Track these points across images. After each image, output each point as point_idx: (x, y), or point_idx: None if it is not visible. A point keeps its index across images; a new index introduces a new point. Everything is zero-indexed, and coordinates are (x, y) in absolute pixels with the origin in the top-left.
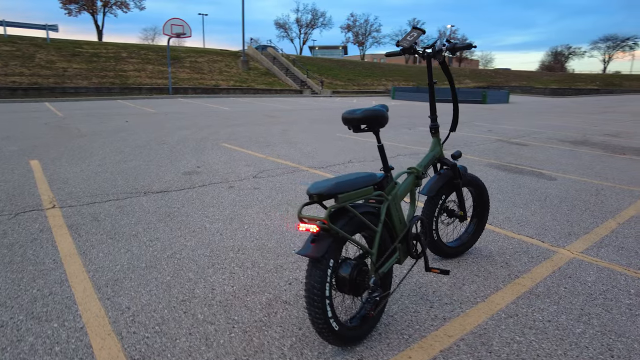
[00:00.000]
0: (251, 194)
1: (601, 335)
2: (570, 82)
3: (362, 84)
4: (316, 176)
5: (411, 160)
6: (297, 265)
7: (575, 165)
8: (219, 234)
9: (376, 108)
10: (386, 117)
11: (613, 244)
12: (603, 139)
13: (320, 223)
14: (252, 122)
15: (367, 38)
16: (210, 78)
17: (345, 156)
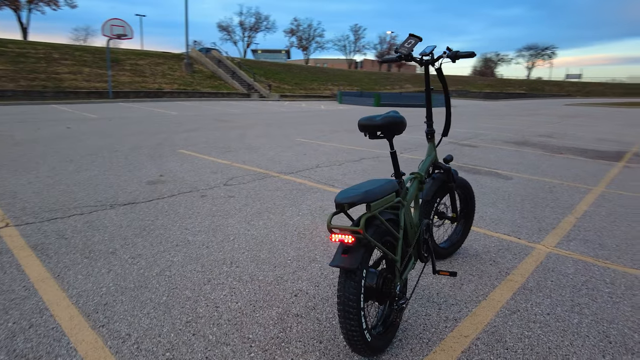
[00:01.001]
0: (227, 203)
1: (596, 324)
2: (502, 86)
3: (309, 88)
4: (289, 182)
5: (376, 164)
6: (298, 276)
7: (524, 165)
8: (206, 247)
9: (395, 115)
10: (405, 123)
11: (578, 238)
12: (540, 139)
13: (355, 233)
14: (206, 127)
15: (311, 43)
16: (153, 81)
17: (311, 161)
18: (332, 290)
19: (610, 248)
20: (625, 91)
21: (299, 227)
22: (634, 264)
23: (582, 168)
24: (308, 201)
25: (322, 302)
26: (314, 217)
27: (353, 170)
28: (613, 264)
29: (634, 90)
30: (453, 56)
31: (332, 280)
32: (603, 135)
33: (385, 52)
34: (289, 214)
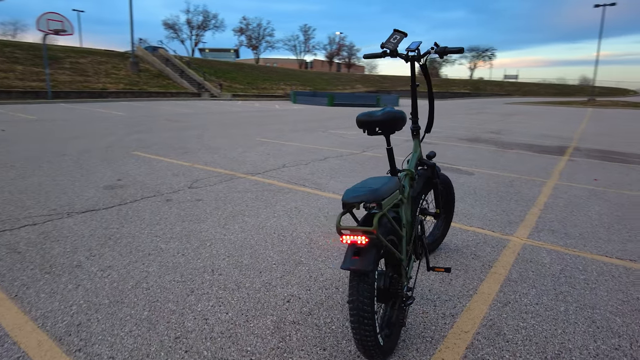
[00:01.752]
0: (196, 207)
1: (581, 310)
2: (447, 86)
3: (261, 87)
4: (257, 183)
5: (341, 162)
6: (286, 281)
7: (481, 161)
8: (182, 255)
9: (395, 110)
10: (405, 119)
11: (546, 228)
12: (490, 136)
13: (368, 233)
14: (158, 128)
15: (261, 42)
16: (96, 81)
17: (277, 160)
18: (324, 293)
19: (575, 237)
20: (556, 91)
21: (277, 230)
22: (599, 250)
23: (533, 162)
24: (282, 202)
25: (317, 306)
26: (290, 218)
27: (320, 170)
28: (581, 252)
29: (563, 90)
30: (441, 52)
31: (322, 283)
32: (544, 132)
33: (335, 53)
34: (264, 216)
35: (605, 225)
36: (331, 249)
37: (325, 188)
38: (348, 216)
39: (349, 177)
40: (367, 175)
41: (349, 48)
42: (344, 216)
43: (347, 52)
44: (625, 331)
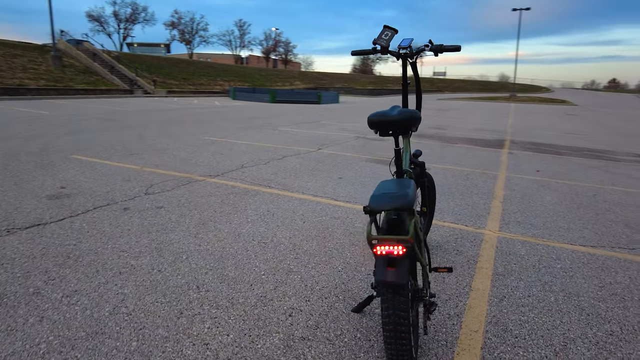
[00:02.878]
0: (159, 215)
1: (568, 299)
2: (382, 83)
3: (197, 83)
4: (220, 186)
5: (302, 161)
6: (282, 292)
7: (433, 155)
8: (158, 271)
9: (412, 109)
10: (420, 118)
11: (512, 220)
12: (433, 131)
13: (405, 242)
14: (92, 128)
15: (194, 37)
16: (11, 76)
17: (232, 161)
18: (326, 303)
19: (539, 227)
20: (482, 87)
21: (256, 236)
22: (564, 239)
23: (480, 156)
24: (252, 205)
25: (322, 318)
26: (266, 222)
27: (282, 169)
28: (550, 242)
29: (488, 87)
30: (437, 50)
31: (320, 292)
32: (479, 126)
33: (271, 49)
34: (237, 221)
35: (560, 215)
36: (319, 253)
37: (293, 189)
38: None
39: (313, 177)
40: (332, 174)
41: (285, 44)
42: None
43: (284, 49)
44: (612, 316)
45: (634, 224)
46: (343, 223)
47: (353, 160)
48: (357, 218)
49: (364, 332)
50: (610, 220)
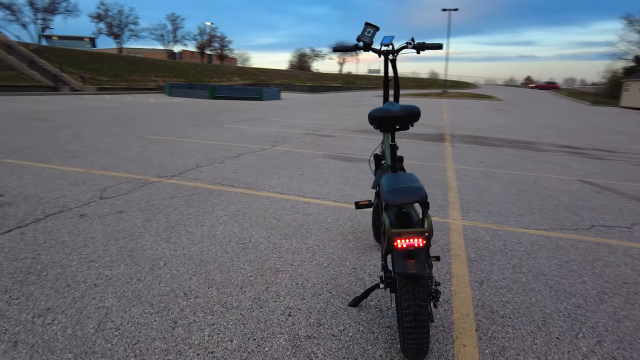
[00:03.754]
0: (122, 220)
1: (537, 278)
2: (321, 80)
3: (130, 79)
4: (180, 187)
5: (258, 158)
6: (275, 293)
7: None
8: (138, 281)
9: (412, 105)
10: (420, 113)
11: (472, 209)
12: None
13: (423, 235)
14: (17, 129)
15: (124, 30)
16: None
17: (186, 160)
18: (322, 299)
19: (496, 214)
20: (415, 84)
21: (232, 237)
22: (519, 224)
23: (426, 149)
24: (219, 206)
25: (322, 315)
26: (239, 223)
27: (241, 167)
28: (508, 227)
29: (421, 83)
30: (419, 47)
31: (312, 289)
32: (419, 121)
33: (206, 44)
34: (208, 223)
35: (510, 202)
36: (301, 251)
37: (258, 187)
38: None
39: (275, 174)
40: (293, 171)
41: (220, 39)
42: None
43: (219, 44)
44: (576, 290)
45: (573, 207)
46: (316, 219)
47: (310, 157)
48: (328, 214)
49: (365, 325)
50: (553, 205)
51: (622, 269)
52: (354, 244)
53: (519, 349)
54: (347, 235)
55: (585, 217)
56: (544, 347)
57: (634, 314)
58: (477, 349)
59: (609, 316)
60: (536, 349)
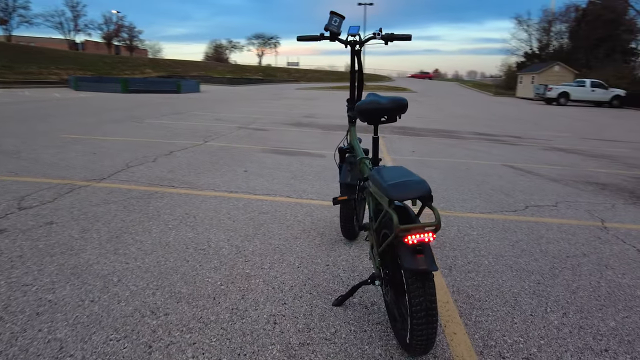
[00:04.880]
0: (55, 233)
1: (497, 260)
2: (241, 72)
3: (25, 72)
4: (113, 191)
5: (193, 155)
6: (253, 301)
7: (320, 143)
8: (91, 302)
9: (400, 97)
10: (407, 105)
11: None
12: (308, 120)
13: (432, 229)
14: None
15: (12, 16)
16: None
17: (112, 160)
18: (305, 302)
19: (442, 200)
20: (337, 77)
21: (188, 244)
22: (465, 209)
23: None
24: (164, 209)
25: (309, 318)
26: (192, 227)
27: (177, 166)
28: (457, 212)
29: (342, 76)
30: (387, 38)
31: (291, 292)
32: (343, 113)
33: (113, 34)
34: (157, 230)
35: (452, 188)
36: (267, 252)
37: (201, 186)
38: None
39: (217, 172)
40: (235, 167)
41: (129, 29)
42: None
43: (128, 34)
44: (532, 268)
45: (506, 190)
46: (274, 217)
47: (249, 152)
48: (285, 211)
49: (356, 324)
50: (489, 189)
51: (562, 244)
52: (319, 240)
53: (503, 330)
54: (310, 232)
55: (518, 198)
56: (523, 325)
57: (583, 284)
58: (467, 335)
59: (565, 289)
60: (517, 327)
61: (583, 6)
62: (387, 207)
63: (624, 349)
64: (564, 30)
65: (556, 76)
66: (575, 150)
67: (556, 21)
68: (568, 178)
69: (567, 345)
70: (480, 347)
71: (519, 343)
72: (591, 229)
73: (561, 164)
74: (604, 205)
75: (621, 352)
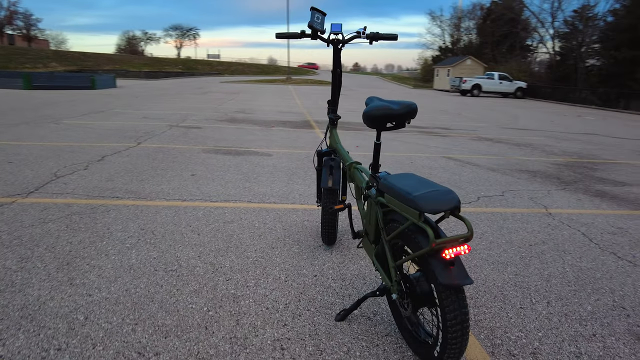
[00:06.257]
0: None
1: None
2: (159, 65)
3: None
4: (47, 207)
5: (128, 159)
6: (250, 326)
7: (262, 140)
8: (58, 350)
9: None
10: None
11: None
12: (242, 115)
13: (467, 241)
14: None
15: None
16: None
17: (35, 169)
18: (305, 321)
19: None
20: (259, 70)
21: (156, 265)
22: None
23: (303, 137)
24: (115, 225)
25: (316, 339)
26: (154, 245)
27: (116, 172)
28: None
29: (265, 69)
30: (372, 37)
31: (287, 311)
32: (277, 108)
33: (5, 21)
34: (114, 251)
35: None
36: (247, 267)
37: (149, 195)
38: None
39: (162, 177)
40: (181, 171)
41: (25, 17)
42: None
43: (24, 22)
44: (506, 259)
45: (454, 182)
46: (242, 226)
47: (189, 153)
48: (251, 218)
49: (366, 339)
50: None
51: (521, 233)
52: (298, 249)
53: (504, 327)
54: (286, 240)
55: (468, 190)
56: (518, 319)
57: (553, 272)
58: (473, 336)
59: (539, 278)
60: (514, 322)
61: (487, 5)
62: (418, 220)
63: (607, 331)
64: (472, 27)
65: (469, 69)
66: (500, 139)
67: (465, 18)
68: (503, 167)
69: (562, 335)
70: (490, 347)
71: (521, 338)
72: (539, 216)
73: (492, 153)
74: (542, 192)
75: (606, 334)
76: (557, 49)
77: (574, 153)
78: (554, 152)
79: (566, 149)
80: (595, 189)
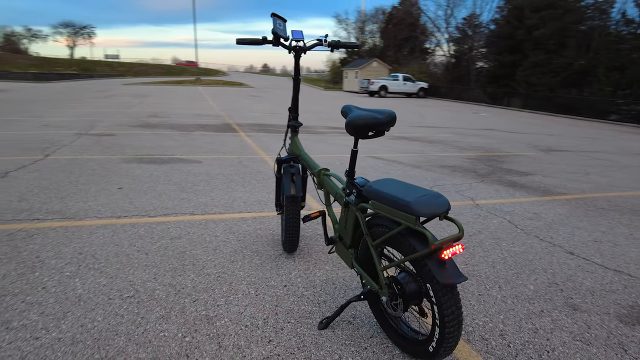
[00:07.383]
0: None
1: None
2: (50, 66)
3: None
4: None
5: (39, 174)
6: (235, 345)
7: (186, 147)
8: None
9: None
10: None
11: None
12: (157, 120)
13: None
14: None
15: None
16: None
17: None
18: (290, 334)
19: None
20: (165, 71)
21: (108, 293)
22: None
23: (229, 141)
24: (45, 253)
25: (305, 352)
26: (100, 271)
27: (27, 190)
28: None
29: (171, 71)
30: (334, 45)
31: (267, 327)
32: (191, 111)
33: None
34: (53, 282)
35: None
36: (211, 286)
37: (77, 215)
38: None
39: (85, 193)
40: (106, 185)
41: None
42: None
43: None
44: None
45: None
46: (192, 241)
47: (109, 164)
48: (199, 231)
49: (354, 344)
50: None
51: None
52: (259, 259)
53: (471, 315)
54: (243, 251)
55: None
56: (480, 305)
57: (495, 258)
58: None
59: (486, 265)
60: (478, 308)
61: (389, 10)
62: (414, 225)
63: (551, 306)
64: (376, 30)
65: (375, 71)
66: (414, 137)
67: (369, 22)
68: (425, 164)
69: (518, 315)
70: (464, 335)
71: (488, 323)
72: (470, 207)
73: (411, 151)
74: (465, 186)
75: (550, 309)
76: (452, 52)
77: (480, 147)
78: (465, 148)
79: (473, 144)
80: (507, 179)
